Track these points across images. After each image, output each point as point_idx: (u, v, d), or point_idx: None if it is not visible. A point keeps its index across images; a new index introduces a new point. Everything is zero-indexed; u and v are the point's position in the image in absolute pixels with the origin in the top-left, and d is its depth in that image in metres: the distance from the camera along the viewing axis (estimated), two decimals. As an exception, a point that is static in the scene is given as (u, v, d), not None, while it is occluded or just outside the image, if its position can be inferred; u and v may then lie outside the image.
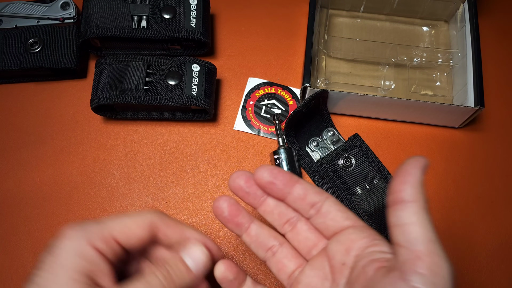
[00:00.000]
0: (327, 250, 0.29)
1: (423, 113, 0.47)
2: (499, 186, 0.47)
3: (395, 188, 0.25)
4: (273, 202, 0.31)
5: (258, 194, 0.31)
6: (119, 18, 0.47)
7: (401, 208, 0.24)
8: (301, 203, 0.30)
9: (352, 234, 0.28)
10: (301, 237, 0.31)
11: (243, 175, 0.30)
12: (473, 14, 0.50)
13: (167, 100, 0.44)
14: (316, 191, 0.30)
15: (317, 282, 0.28)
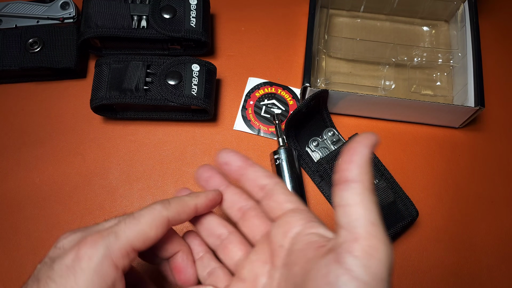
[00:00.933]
0: (269, 234, 0.29)
1: (423, 113, 0.47)
2: (499, 186, 0.47)
3: (341, 167, 0.24)
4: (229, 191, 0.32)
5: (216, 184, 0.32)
6: (119, 18, 0.47)
7: (345, 188, 0.24)
8: (252, 185, 0.31)
9: (291, 217, 0.28)
10: (249, 223, 0.31)
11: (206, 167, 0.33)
12: (473, 14, 0.50)
13: (167, 100, 0.44)
14: (267, 175, 0.30)
15: (258, 266, 0.28)
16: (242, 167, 0.31)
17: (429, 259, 0.44)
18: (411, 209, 0.43)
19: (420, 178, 0.47)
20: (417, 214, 0.43)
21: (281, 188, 0.30)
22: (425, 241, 0.44)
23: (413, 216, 0.42)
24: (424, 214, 0.45)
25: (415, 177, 0.47)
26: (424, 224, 0.45)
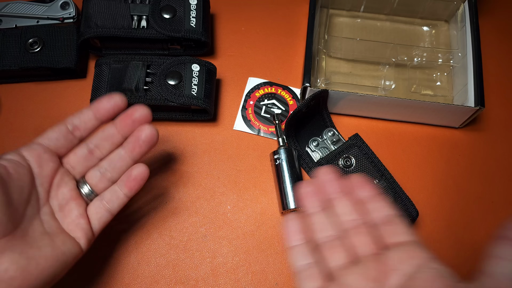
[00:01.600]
0: (385, 255, 0.30)
1: (423, 113, 0.47)
2: (499, 186, 0.47)
3: (510, 226, 0.28)
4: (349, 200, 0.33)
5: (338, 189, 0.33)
6: (119, 18, 0.47)
7: (509, 244, 0.27)
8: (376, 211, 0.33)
9: (413, 247, 0.30)
10: (361, 237, 0.32)
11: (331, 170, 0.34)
12: (473, 14, 0.50)
13: (167, 100, 0.44)
14: (391, 206, 0.33)
15: (361, 280, 0.29)
16: (373, 195, 0.33)
17: (429, 259, 0.44)
18: (411, 209, 0.43)
19: (420, 178, 0.47)
20: (417, 214, 0.43)
21: (404, 221, 0.32)
22: (425, 241, 0.44)
23: (413, 216, 0.42)
24: (424, 214, 0.45)
25: (415, 177, 0.47)
26: (425, 224, 0.45)
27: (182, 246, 0.43)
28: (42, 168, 0.34)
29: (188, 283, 0.42)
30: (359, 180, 0.34)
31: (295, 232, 0.32)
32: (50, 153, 0.35)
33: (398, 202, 0.43)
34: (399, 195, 0.43)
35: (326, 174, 0.34)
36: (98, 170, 0.36)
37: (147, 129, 0.36)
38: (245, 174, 0.47)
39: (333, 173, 0.34)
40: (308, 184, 0.34)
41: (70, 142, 0.36)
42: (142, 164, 0.36)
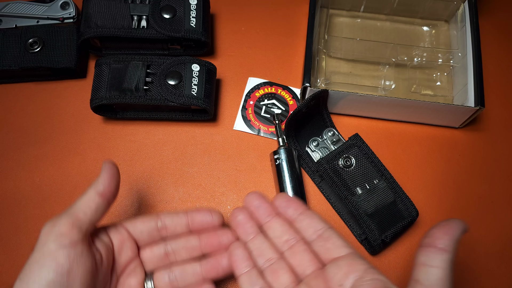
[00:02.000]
0: (325, 271, 0.31)
1: (423, 113, 0.47)
2: (499, 186, 0.47)
3: (436, 234, 0.29)
4: (278, 222, 0.35)
5: (266, 213, 0.35)
6: (119, 18, 0.47)
7: (434, 251, 0.28)
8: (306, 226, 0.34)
9: (351, 260, 0.31)
10: (297, 257, 0.33)
11: (258, 195, 0.36)
12: (473, 14, 0.50)
13: (167, 100, 0.44)
14: (320, 220, 0.34)
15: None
16: (298, 210, 0.35)
17: (429, 259, 0.44)
18: (411, 209, 0.43)
19: (420, 178, 0.47)
20: (417, 214, 0.43)
21: (336, 233, 0.33)
22: (425, 241, 0.44)
23: (413, 216, 0.42)
24: (424, 214, 0.45)
25: (415, 177, 0.47)
26: (424, 224, 0.45)
27: (182, 246, 0.43)
28: (121, 255, 0.35)
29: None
30: (285, 199, 0.36)
31: (241, 260, 0.34)
32: (132, 242, 0.36)
33: (398, 202, 0.43)
34: (399, 195, 0.43)
35: (254, 200, 0.36)
36: (168, 275, 0.36)
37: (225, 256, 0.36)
38: (245, 174, 0.47)
39: (260, 198, 0.36)
40: (239, 212, 0.36)
41: (153, 238, 0.37)
42: (212, 285, 0.36)
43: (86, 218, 0.32)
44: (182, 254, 0.37)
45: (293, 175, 0.44)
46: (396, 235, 0.42)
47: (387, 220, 0.42)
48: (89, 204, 0.33)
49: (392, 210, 0.42)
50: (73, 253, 0.30)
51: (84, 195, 0.33)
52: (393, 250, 0.44)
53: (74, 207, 0.32)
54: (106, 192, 0.34)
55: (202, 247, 0.37)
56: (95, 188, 0.34)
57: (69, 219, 0.31)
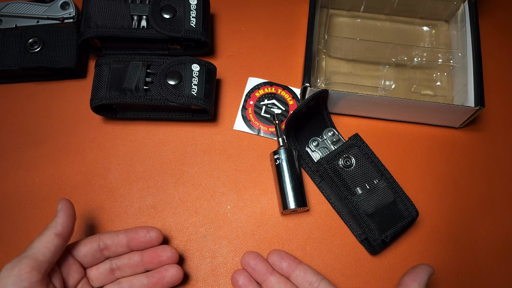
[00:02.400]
0: None
1: (423, 113, 0.47)
2: (499, 186, 0.47)
3: (406, 282, 0.34)
4: (275, 279, 0.38)
5: (262, 272, 0.39)
6: (119, 18, 0.47)
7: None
8: (302, 281, 0.38)
9: None
10: None
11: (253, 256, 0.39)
12: (473, 13, 0.50)
13: (167, 100, 0.44)
14: (314, 272, 0.38)
15: None
16: (292, 265, 0.39)
17: (429, 259, 0.44)
18: (411, 209, 0.43)
19: (420, 178, 0.47)
20: (417, 214, 0.43)
21: (329, 283, 0.37)
22: (425, 241, 0.44)
23: (413, 216, 0.42)
24: (424, 214, 0.45)
25: (415, 177, 0.47)
26: (424, 224, 0.45)
27: (182, 246, 0.43)
28: (69, 279, 0.37)
29: (188, 283, 0.42)
30: (278, 256, 0.39)
31: None
32: (78, 264, 0.37)
33: (398, 202, 0.43)
34: (399, 195, 0.43)
35: (250, 260, 0.39)
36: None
37: (173, 270, 0.39)
38: (245, 174, 0.47)
39: (255, 258, 0.39)
40: (239, 276, 0.39)
41: (97, 260, 0.39)
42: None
43: (45, 259, 0.33)
44: (127, 271, 0.39)
45: (293, 175, 0.44)
46: (396, 235, 0.42)
47: (387, 220, 0.42)
48: (48, 245, 0.34)
49: (392, 210, 0.42)
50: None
51: (42, 236, 0.34)
52: (393, 250, 0.44)
53: (32, 249, 0.34)
54: (64, 233, 0.35)
55: (144, 263, 0.39)
56: (53, 229, 0.35)
57: (29, 262, 0.32)
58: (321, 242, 0.44)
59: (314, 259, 0.43)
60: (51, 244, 0.34)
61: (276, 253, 0.40)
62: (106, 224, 0.44)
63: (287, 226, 0.45)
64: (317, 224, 0.45)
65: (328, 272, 0.43)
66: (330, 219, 0.45)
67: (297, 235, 0.44)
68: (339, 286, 0.42)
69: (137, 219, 0.44)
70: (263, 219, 0.45)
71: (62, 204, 0.36)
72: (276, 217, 0.45)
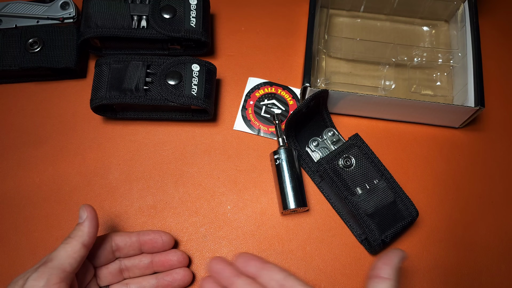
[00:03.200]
0: None
1: (423, 113, 0.47)
2: (499, 186, 0.47)
3: (378, 266, 0.34)
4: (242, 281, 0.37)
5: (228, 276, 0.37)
6: (119, 18, 0.47)
7: (378, 281, 0.32)
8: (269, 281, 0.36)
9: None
10: None
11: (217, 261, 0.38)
12: (473, 14, 0.50)
13: (167, 100, 0.44)
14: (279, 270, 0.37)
15: None
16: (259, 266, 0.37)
17: (429, 259, 0.44)
18: (411, 209, 0.43)
19: (420, 178, 0.47)
20: (417, 214, 0.43)
21: (295, 279, 0.36)
22: (425, 241, 0.44)
23: (413, 216, 0.42)
24: (424, 214, 0.45)
25: (415, 177, 0.47)
26: (424, 224, 0.45)
27: (182, 246, 0.43)
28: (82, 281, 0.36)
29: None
30: (244, 258, 0.38)
31: None
32: (90, 265, 0.38)
33: (398, 202, 0.43)
34: (399, 195, 0.43)
35: (215, 265, 0.38)
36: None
37: (184, 274, 0.40)
38: (245, 174, 0.47)
39: (220, 263, 0.38)
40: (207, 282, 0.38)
41: (108, 260, 0.39)
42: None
43: (71, 270, 0.33)
44: (135, 272, 0.39)
45: (293, 175, 0.44)
46: (396, 235, 0.42)
47: (387, 220, 0.42)
48: (74, 256, 0.34)
49: (392, 210, 0.42)
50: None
51: (68, 246, 0.34)
52: (393, 250, 0.44)
53: (59, 259, 0.33)
54: (90, 243, 0.35)
55: (153, 266, 0.40)
56: (80, 240, 0.35)
57: (58, 273, 0.32)
58: (321, 242, 0.44)
59: (314, 259, 0.43)
60: (77, 255, 0.34)
61: (243, 256, 0.39)
62: (106, 224, 0.44)
63: (287, 226, 0.45)
64: (317, 224, 0.45)
65: (328, 272, 0.43)
66: (330, 219, 0.45)
67: (297, 235, 0.44)
68: (339, 286, 0.42)
69: (137, 219, 0.44)
70: (263, 219, 0.45)
71: (87, 212, 0.36)
72: (276, 217, 0.45)
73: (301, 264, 0.43)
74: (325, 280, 0.42)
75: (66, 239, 0.35)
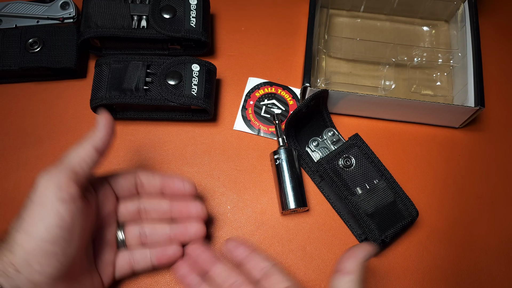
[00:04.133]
0: None
1: (423, 113, 0.47)
2: (499, 186, 0.47)
3: (342, 260, 0.33)
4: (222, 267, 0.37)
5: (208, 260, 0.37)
6: (119, 18, 0.47)
7: (342, 276, 0.32)
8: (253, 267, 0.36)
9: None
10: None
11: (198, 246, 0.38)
12: (473, 14, 0.50)
13: (167, 100, 0.44)
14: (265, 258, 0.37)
15: None
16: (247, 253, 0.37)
17: (429, 259, 0.44)
18: (411, 209, 0.43)
19: (420, 178, 0.47)
20: (417, 214, 0.43)
21: (279, 269, 0.36)
22: (425, 241, 0.44)
23: (413, 216, 0.42)
24: (424, 214, 0.45)
25: (415, 177, 0.47)
26: (424, 224, 0.45)
27: (182, 246, 0.43)
28: (104, 208, 0.36)
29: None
30: (233, 244, 0.38)
31: None
32: (113, 195, 0.37)
33: (398, 202, 0.43)
34: (399, 195, 0.43)
35: (195, 250, 0.38)
36: (139, 230, 0.38)
37: (197, 227, 0.39)
38: (245, 174, 0.47)
39: (200, 247, 0.38)
40: (182, 265, 0.38)
41: (131, 195, 0.39)
42: (179, 247, 0.39)
43: (82, 172, 0.32)
44: (153, 215, 0.39)
45: (293, 175, 0.44)
46: (396, 235, 0.43)
47: (387, 220, 0.42)
48: (85, 158, 0.33)
49: (392, 210, 0.42)
50: (74, 208, 0.31)
51: (80, 148, 0.33)
52: (393, 250, 0.44)
53: (70, 160, 0.32)
54: (102, 148, 0.34)
55: (172, 212, 0.39)
56: (92, 143, 0.34)
57: (67, 173, 0.31)
58: (321, 242, 0.44)
59: (314, 259, 0.43)
60: (88, 157, 0.33)
61: (231, 242, 0.39)
62: (106, 224, 0.44)
63: (287, 226, 0.45)
64: (317, 224, 0.45)
65: (328, 272, 0.43)
66: (330, 219, 0.45)
67: (297, 235, 0.44)
68: (339, 286, 0.42)
69: (137, 219, 0.44)
70: (263, 219, 0.45)
71: (104, 118, 0.35)
72: (276, 217, 0.45)
73: (301, 264, 0.43)
74: (325, 280, 0.42)
75: (79, 142, 0.34)
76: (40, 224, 0.29)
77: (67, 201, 0.30)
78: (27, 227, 0.29)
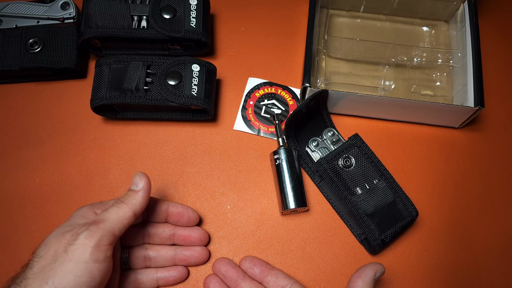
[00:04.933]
0: None
1: (423, 113, 0.47)
2: (499, 186, 0.47)
3: (352, 280, 0.34)
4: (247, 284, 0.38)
5: (234, 277, 0.39)
6: (119, 18, 0.47)
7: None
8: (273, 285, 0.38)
9: None
10: None
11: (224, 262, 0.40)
12: (473, 14, 0.50)
13: (167, 100, 0.44)
14: (285, 276, 0.39)
15: None
16: (265, 271, 0.39)
17: (429, 259, 0.44)
18: (411, 209, 0.43)
19: (420, 178, 0.47)
20: (416, 214, 0.43)
21: (299, 286, 0.38)
22: (425, 241, 0.44)
23: (413, 216, 0.42)
24: (424, 214, 0.45)
25: (414, 177, 0.47)
26: (424, 224, 0.45)
27: (182, 246, 0.44)
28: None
29: (189, 283, 0.42)
30: (250, 261, 0.40)
31: None
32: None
33: (398, 202, 0.43)
34: (399, 195, 0.43)
35: (221, 267, 0.39)
36: (143, 254, 0.40)
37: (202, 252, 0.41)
38: (245, 174, 0.47)
39: (226, 264, 0.40)
40: (210, 281, 0.39)
41: (137, 220, 0.39)
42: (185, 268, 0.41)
43: (119, 235, 0.34)
44: (155, 240, 0.40)
45: (293, 175, 0.44)
46: (396, 235, 0.43)
47: (387, 220, 0.42)
48: (124, 222, 0.34)
49: (392, 210, 0.42)
50: (105, 267, 0.32)
51: (121, 211, 0.34)
52: (392, 250, 0.44)
53: (111, 222, 0.33)
54: (139, 213, 0.36)
55: (174, 238, 0.41)
56: (132, 208, 0.35)
57: (108, 236, 0.32)
58: (321, 242, 0.44)
59: (314, 259, 0.43)
60: (127, 221, 0.34)
61: (248, 259, 0.40)
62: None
63: (287, 226, 0.45)
64: (317, 224, 0.45)
65: (328, 272, 0.43)
66: (330, 219, 0.45)
67: (297, 235, 0.44)
68: (339, 286, 0.42)
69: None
70: (263, 219, 0.45)
71: (145, 182, 0.36)
72: (276, 217, 0.45)
73: (301, 264, 0.43)
74: (325, 280, 0.42)
75: (118, 203, 0.35)
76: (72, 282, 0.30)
77: (101, 262, 0.32)
78: (59, 281, 0.30)
